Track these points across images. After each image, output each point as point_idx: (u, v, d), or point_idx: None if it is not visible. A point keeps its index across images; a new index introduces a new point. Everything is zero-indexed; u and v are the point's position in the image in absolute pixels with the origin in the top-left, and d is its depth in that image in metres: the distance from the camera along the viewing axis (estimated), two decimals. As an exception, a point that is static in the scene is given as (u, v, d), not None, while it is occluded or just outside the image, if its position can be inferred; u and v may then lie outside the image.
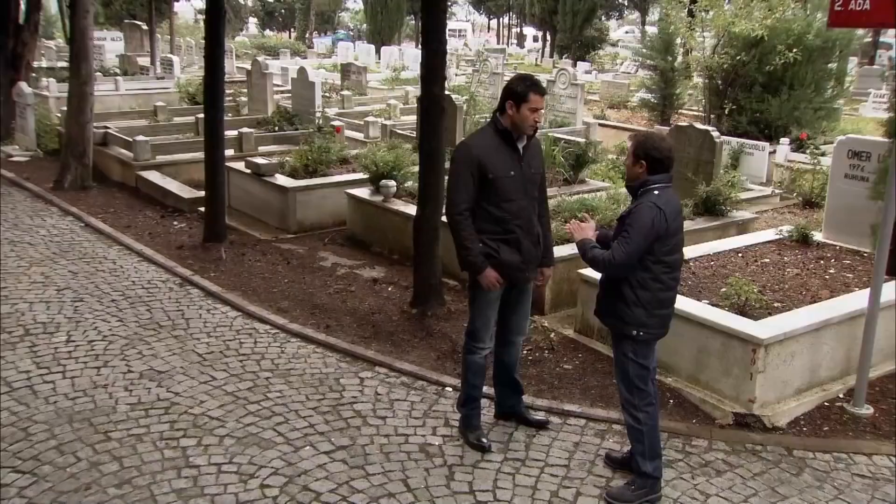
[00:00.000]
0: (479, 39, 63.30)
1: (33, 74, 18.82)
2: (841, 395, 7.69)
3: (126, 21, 38.12)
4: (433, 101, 9.13)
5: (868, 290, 7.57)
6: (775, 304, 7.94)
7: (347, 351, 8.38)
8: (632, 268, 5.64)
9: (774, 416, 7.22)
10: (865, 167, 9.78)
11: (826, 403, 7.58)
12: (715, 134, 11.97)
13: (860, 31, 18.86)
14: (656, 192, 5.67)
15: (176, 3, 36.39)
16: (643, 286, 5.71)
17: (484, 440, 6.55)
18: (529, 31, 69.13)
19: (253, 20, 71.52)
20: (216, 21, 11.43)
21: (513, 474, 6.27)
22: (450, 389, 7.52)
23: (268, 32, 67.88)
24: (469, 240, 6.19)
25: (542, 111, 6.22)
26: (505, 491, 6.06)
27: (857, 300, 7.89)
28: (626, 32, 67.62)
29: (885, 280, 7.51)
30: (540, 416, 6.95)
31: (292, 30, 69.51)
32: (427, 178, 9.19)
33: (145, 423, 6.88)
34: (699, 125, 12.99)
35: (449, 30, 51.66)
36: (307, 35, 61.60)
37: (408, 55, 39.59)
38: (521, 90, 6.07)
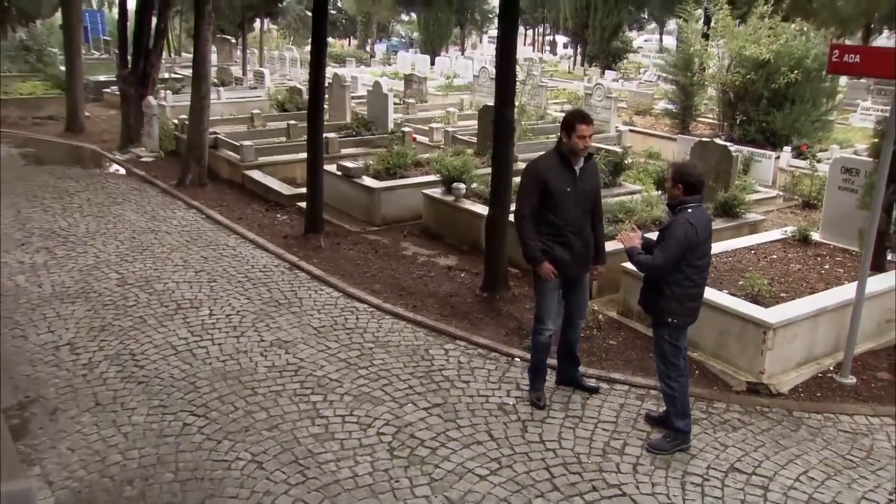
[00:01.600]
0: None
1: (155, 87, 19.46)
2: (831, 368, 8.06)
3: (217, 35, 38.39)
4: (505, 123, 9.44)
5: (856, 283, 7.94)
6: (782, 295, 8.28)
7: (432, 327, 8.77)
8: (670, 270, 6.24)
9: (779, 384, 7.63)
10: (855, 181, 10.00)
11: (819, 374, 7.96)
12: (732, 148, 12.24)
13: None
14: (690, 210, 6.20)
15: (259, 19, 36.54)
16: (678, 284, 6.22)
17: (541, 401, 7.13)
18: (560, 39, 68.36)
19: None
20: (320, 50, 11.75)
21: (573, 428, 6.79)
22: (518, 360, 7.98)
23: (330, 40, 67.50)
24: (530, 238, 6.84)
25: (590, 137, 6.75)
26: (567, 441, 6.59)
27: (846, 291, 8.22)
28: (646, 41, 66.74)
29: (869, 275, 7.92)
30: (592, 383, 7.50)
31: (352, 37, 69.11)
32: (497, 186, 9.60)
33: (281, 382, 7.44)
34: (719, 141, 13.20)
35: (489, 37, 51.39)
36: (368, 43, 61.43)
37: (457, 64, 39.58)
38: (571, 122, 6.71)
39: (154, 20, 18.05)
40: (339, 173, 13.41)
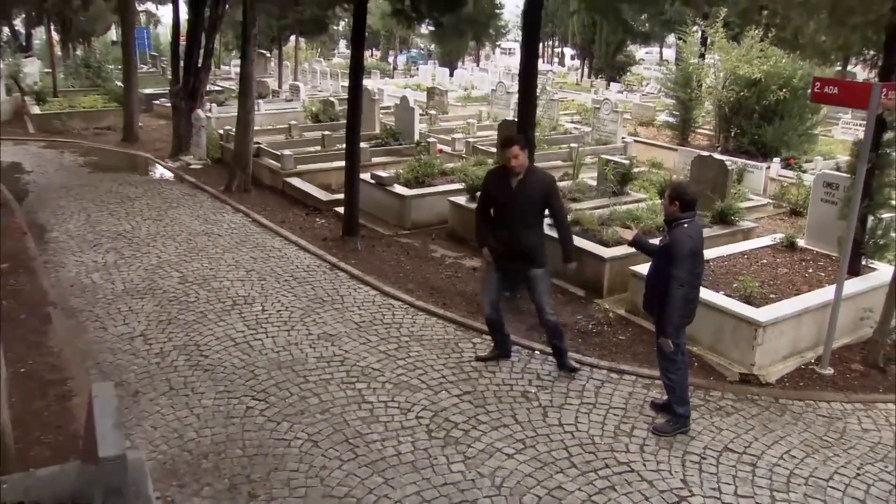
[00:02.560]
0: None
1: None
2: (813, 360, 8.37)
3: (254, 49, 38.72)
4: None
5: (835, 285, 8.26)
6: (771, 296, 8.57)
7: (461, 322, 9.07)
8: (688, 279, 6.49)
9: (767, 375, 7.96)
10: (835, 194, 10.26)
11: (802, 366, 8.28)
12: (728, 163, 12.52)
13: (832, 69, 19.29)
14: (685, 225, 6.52)
15: (293, 35, 36.87)
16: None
17: (480, 356, 8.20)
18: (567, 51, 68.42)
19: (342, 41, 71.27)
20: (357, 69, 11.97)
21: (588, 413, 7.14)
22: (538, 353, 8.31)
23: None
24: (478, 229, 7.89)
25: (515, 156, 7.34)
26: (583, 424, 6.95)
27: (827, 293, 8.50)
28: (647, 53, 66.73)
29: (846, 278, 8.26)
30: (572, 363, 8.00)
31: (375, 49, 69.26)
32: None
33: (329, 371, 7.79)
34: (717, 155, 13.39)
35: (500, 48, 51.28)
36: (391, 55, 61.65)
37: (475, 77, 39.66)
38: (502, 144, 7.59)
39: (202, 41, 18.47)
40: (373, 181, 13.68)
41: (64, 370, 7.62)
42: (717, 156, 13.44)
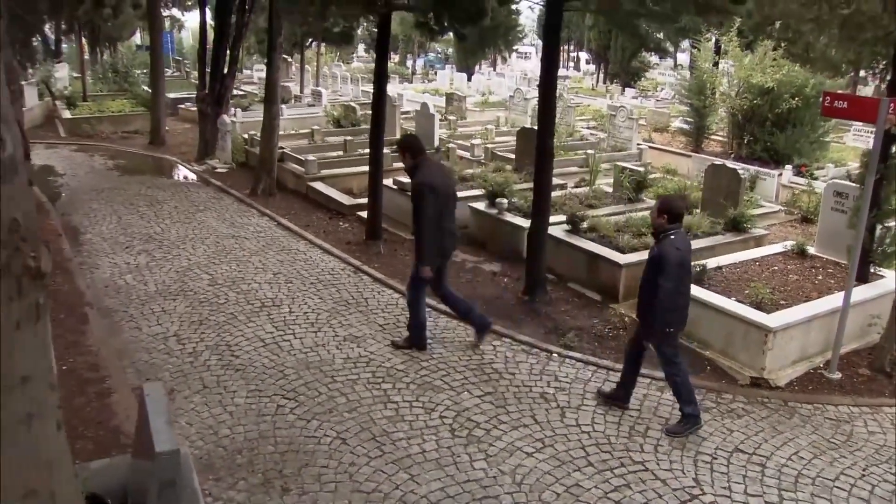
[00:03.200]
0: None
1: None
2: (821, 365, 8.53)
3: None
4: (546, 151, 9.86)
5: (843, 292, 8.44)
6: (781, 302, 8.74)
7: None
8: (675, 290, 6.73)
9: (777, 379, 8.13)
10: (845, 203, 10.37)
11: (811, 370, 8.44)
12: (741, 170, 12.67)
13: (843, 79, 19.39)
14: (672, 237, 6.75)
15: (314, 41, 37.07)
16: (672, 300, 6.78)
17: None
18: (583, 55, 68.36)
19: (361, 45, 71.36)
20: (382, 81, 12.15)
21: (604, 414, 7.32)
22: (556, 355, 8.49)
23: (373, 54, 66.99)
24: None
25: (402, 161, 8.38)
26: (599, 425, 7.14)
27: (836, 299, 8.64)
28: (661, 58, 66.76)
29: (854, 285, 8.44)
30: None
31: (393, 53, 69.31)
32: (538, 202, 10.07)
33: (356, 372, 7.99)
34: (730, 164, 13.60)
35: (516, 51, 51.28)
36: (409, 58, 61.79)
37: (492, 82, 39.86)
38: None
39: (228, 48, 18.75)
40: (395, 187, 13.82)
41: (102, 368, 7.87)
42: (730, 163, 13.57)
